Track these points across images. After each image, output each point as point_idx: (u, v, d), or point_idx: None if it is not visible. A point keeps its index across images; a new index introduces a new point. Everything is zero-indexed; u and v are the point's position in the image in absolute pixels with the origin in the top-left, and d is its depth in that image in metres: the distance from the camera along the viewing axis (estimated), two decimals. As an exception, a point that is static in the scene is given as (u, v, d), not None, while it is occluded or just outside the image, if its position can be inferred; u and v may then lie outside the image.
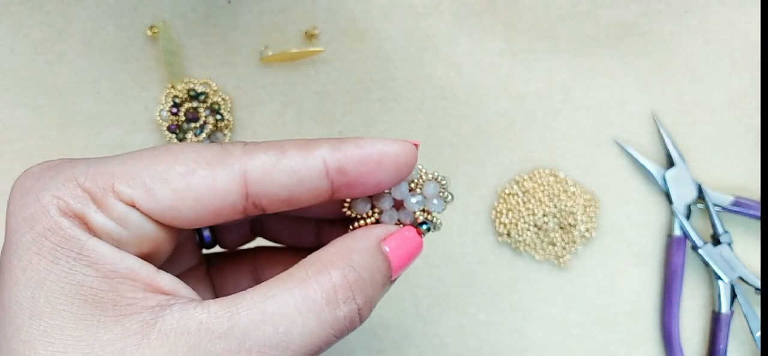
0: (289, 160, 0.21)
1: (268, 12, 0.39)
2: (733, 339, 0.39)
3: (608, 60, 0.40)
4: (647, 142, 0.40)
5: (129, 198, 0.20)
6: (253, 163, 0.21)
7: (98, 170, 0.21)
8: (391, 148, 0.22)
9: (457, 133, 0.39)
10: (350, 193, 0.23)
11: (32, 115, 0.39)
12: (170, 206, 0.21)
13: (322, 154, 0.21)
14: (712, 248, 0.38)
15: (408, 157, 0.22)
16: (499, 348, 0.39)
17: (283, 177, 0.21)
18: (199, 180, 0.21)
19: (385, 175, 0.22)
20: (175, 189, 0.21)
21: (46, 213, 0.20)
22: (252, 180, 0.21)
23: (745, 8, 0.40)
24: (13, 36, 0.39)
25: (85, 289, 0.19)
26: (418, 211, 0.24)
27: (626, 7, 0.40)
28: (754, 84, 0.40)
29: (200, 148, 0.22)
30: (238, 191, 0.21)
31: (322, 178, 0.22)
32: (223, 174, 0.21)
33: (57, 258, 0.20)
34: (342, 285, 0.21)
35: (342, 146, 0.22)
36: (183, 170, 0.21)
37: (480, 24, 0.40)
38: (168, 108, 0.38)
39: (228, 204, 0.21)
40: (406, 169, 0.22)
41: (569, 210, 0.38)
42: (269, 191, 0.21)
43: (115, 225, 0.20)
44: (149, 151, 0.22)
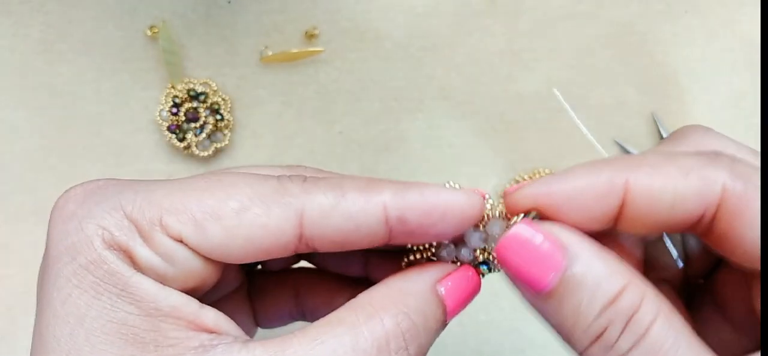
0: (349, 204, 0.20)
1: (268, 12, 0.39)
2: (733, 339, 0.39)
3: (608, 60, 0.40)
4: (647, 142, 0.40)
5: (177, 233, 0.19)
6: (310, 204, 0.20)
7: (146, 199, 0.20)
8: (457, 200, 0.21)
9: (457, 133, 0.39)
10: (407, 241, 0.22)
11: (32, 115, 0.39)
12: (220, 244, 0.20)
13: (384, 199, 0.20)
14: (712, 248, 0.38)
15: (474, 210, 0.21)
16: (499, 348, 0.39)
17: (340, 221, 0.20)
18: (252, 219, 0.20)
19: (448, 227, 0.21)
20: (227, 227, 0.19)
21: (89, 245, 0.19)
22: (308, 222, 0.20)
23: (745, 8, 0.40)
24: (14, 36, 0.39)
25: (127, 328, 0.19)
26: (479, 250, 0.23)
27: (626, 7, 0.40)
28: (754, 84, 0.40)
29: (255, 182, 0.20)
30: (293, 232, 0.20)
31: (380, 224, 0.20)
32: (278, 213, 0.20)
33: (99, 294, 0.19)
34: (395, 333, 0.20)
35: (405, 193, 0.20)
36: (236, 207, 0.20)
37: (480, 24, 0.40)
38: (168, 108, 0.38)
39: (281, 244, 0.20)
40: (470, 222, 0.21)
41: (569, 210, 0.38)
42: (325, 234, 0.20)
43: (161, 261, 0.19)
44: (201, 180, 0.21)
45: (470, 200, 0.21)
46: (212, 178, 0.21)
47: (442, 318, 0.22)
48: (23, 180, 0.39)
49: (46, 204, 0.38)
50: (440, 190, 0.21)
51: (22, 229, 0.38)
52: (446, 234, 0.21)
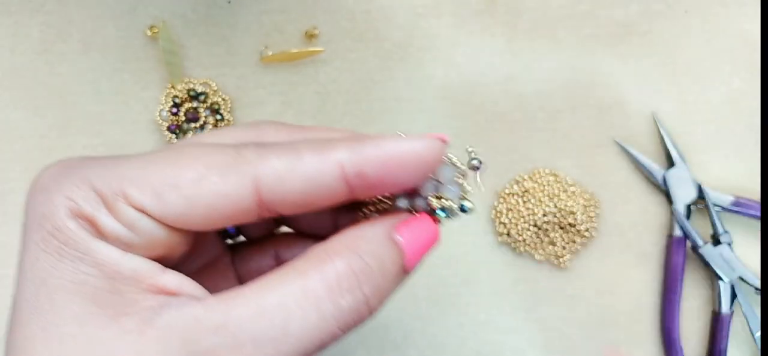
0: (305, 167, 0.20)
1: (269, 12, 0.39)
2: (733, 339, 0.39)
3: (608, 60, 0.40)
4: (647, 142, 0.40)
5: (139, 204, 0.20)
6: (265, 169, 0.20)
7: (112, 173, 0.20)
8: (415, 147, 0.21)
9: (457, 133, 0.39)
10: (370, 194, 0.22)
11: (32, 115, 0.39)
12: (181, 212, 0.20)
13: (339, 157, 0.20)
14: (712, 248, 0.38)
15: (433, 155, 0.21)
16: (499, 348, 0.39)
17: (297, 184, 0.20)
18: (210, 187, 0.20)
19: (408, 176, 0.21)
20: (186, 196, 0.20)
21: (55, 213, 0.20)
22: (265, 187, 0.20)
23: (745, 8, 0.40)
24: (13, 36, 0.39)
25: (87, 288, 0.20)
26: (432, 197, 0.23)
27: (626, 7, 0.40)
28: (754, 84, 0.40)
29: (212, 152, 0.21)
30: (251, 198, 0.20)
31: (339, 182, 0.20)
32: (234, 180, 0.20)
33: (62, 257, 0.20)
34: (346, 274, 0.20)
35: (361, 148, 0.20)
36: (194, 176, 0.20)
37: (480, 24, 0.40)
38: (168, 108, 0.38)
39: (241, 209, 0.20)
40: (430, 167, 0.21)
41: (569, 210, 0.38)
42: (284, 198, 0.20)
43: (124, 230, 0.20)
44: (163, 154, 0.21)
45: (428, 145, 0.21)
46: (173, 149, 0.21)
47: (399, 262, 0.22)
48: (23, 180, 0.39)
49: (46, 205, 0.39)
50: (397, 140, 0.21)
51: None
52: (408, 183, 0.21)
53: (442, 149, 0.21)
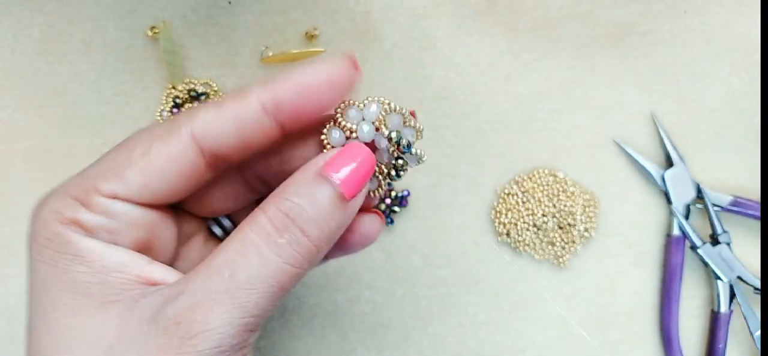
0: (227, 109, 0.23)
1: (269, 12, 0.39)
2: (732, 339, 0.39)
3: (608, 60, 0.40)
4: (646, 142, 0.40)
5: (109, 191, 0.23)
6: (196, 121, 0.23)
7: (83, 177, 0.23)
8: (321, 71, 0.23)
9: (457, 133, 0.40)
10: (298, 124, 0.23)
11: (33, 115, 0.39)
12: (142, 184, 0.23)
13: (256, 94, 0.23)
14: (711, 248, 0.38)
15: (341, 74, 0.23)
16: (499, 348, 0.39)
17: (225, 125, 0.23)
18: (156, 153, 0.23)
19: (323, 96, 0.23)
20: (140, 168, 0.23)
21: (46, 225, 0.23)
22: (199, 135, 0.23)
23: (744, 8, 0.40)
24: (14, 36, 0.39)
25: (78, 284, 0.22)
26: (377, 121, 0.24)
27: (626, 7, 0.40)
28: (753, 84, 0.40)
29: (153, 128, 0.24)
30: (192, 149, 0.23)
31: (261, 116, 0.23)
32: (173, 139, 0.23)
33: (56, 261, 0.22)
34: (276, 216, 0.22)
35: (274, 82, 0.23)
36: (142, 150, 0.23)
37: (480, 24, 0.40)
38: (169, 108, 0.38)
39: (189, 164, 0.23)
40: (342, 85, 0.23)
41: (568, 210, 0.38)
42: (218, 140, 0.23)
43: (104, 219, 0.23)
44: (119, 145, 0.24)
45: (334, 66, 0.23)
46: (126, 139, 0.24)
47: (332, 193, 0.23)
48: (23, 180, 0.39)
49: (46, 205, 0.39)
50: (304, 68, 0.23)
51: (22, 229, 0.38)
52: (326, 104, 0.23)
53: (349, 67, 0.23)
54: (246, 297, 0.21)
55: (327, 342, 0.39)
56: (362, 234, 0.27)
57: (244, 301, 0.21)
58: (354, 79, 0.23)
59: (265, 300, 0.22)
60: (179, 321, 0.21)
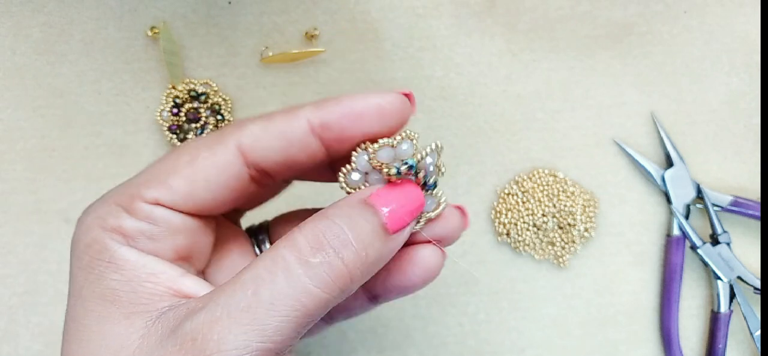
0: (276, 125, 0.23)
1: (269, 13, 0.39)
2: (732, 339, 0.39)
3: (607, 60, 0.40)
4: (646, 142, 0.40)
5: (152, 198, 0.23)
6: (244, 133, 0.23)
7: (128, 185, 0.24)
8: (372, 100, 0.23)
9: (456, 133, 0.40)
10: (342, 147, 0.23)
11: (33, 115, 0.39)
12: (186, 192, 0.23)
13: (306, 114, 0.23)
14: (711, 248, 0.38)
15: (393, 106, 0.23)
16: (499, 348, 0.39)
17: (273, 141, 0.23)
18: (202, 162, 0.23)
19: (370, 124, 0.23)
20: (186, 176, 0.23)
21: (87, 231, 0.23)
22: (246, 148, 0.23)
23: (744, 9, 0.40)
24: (15, 37, 0.39)
25: (110, 291, 0.22)
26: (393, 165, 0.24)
27: (625, 7, 0.40)
28: (752, 84, 0.40)
29: (202, 138, 0.24)
30: (238, 161, 0.23)
31: (308, 135, 0.23)
32: (221, 150, 0.23)
33: (92, 268, 0.22)
34: (313, 235, 0.21)
35: (324, 104, 0.23)
36: (188, 158, 0.23)
37: (480, 24, 0.40)
38: (169, 108, 0.38)
39: (234, 175, 0.23)
40: (392, 117, 0.23)
41: (568, 210, 0.38)
42: (264, 155, 0.23)
43: (146, 225, 0.23)
44: (166, 154, 0.24)
45: (387, 98, 0.23)
46: (174, 150, 0.25)
47: (374, 221, 0.22)
48: (23, 180, 0.39)
49: (46, 204, 0.39)
50: (356, 96, 0.23)
51: (22, 229, 0.38)
52: (372, 132, 0.23)
53: (403, 102, 0.23)
54: (267, 318, 0.20)
55: (327, 342, 0.39)
56: (424, 268, 0.25)
57: (265, 323, 0.20)
58: (407, 113, 0.24)
59: (287, 324, 0.20)
60: (195, 337, 0.20)
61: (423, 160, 0.24)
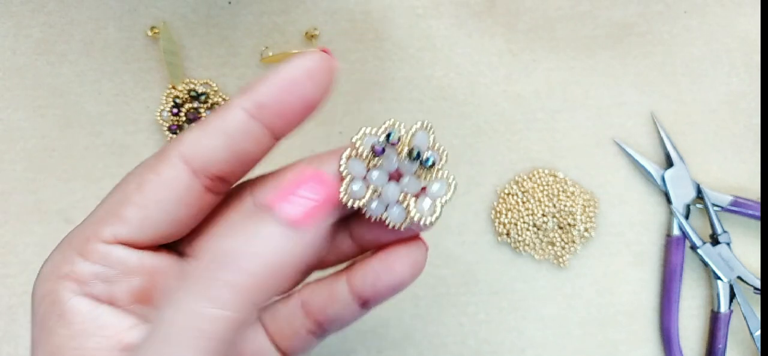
0: (212, 123, 0.22)
1: (269, 13, 0.39)
2: (732, 339, 0.39)
3: (607, 60, 0.40)
4: (646, 142, 0.40)
5: (109, 235, 0.22)
6: (183, 142, 0.22)
7: (84, 225, 0.23)
8: (297, 64, 0.22)
9: (456, 133, 0.40)
10: (286, 122, 0.22)
11: (33, 116, 0.39)
12: (141, 219, 0.22)
13: (238, 102, 0.22)
14: (711, 248, 0.38)
15: (319, 64, 0.22)
16: (499, 348, 0.39)
17: (213, 140, 0.22)
18: (149, 184, 0.22)
19: (305, 89, 0.22)
20: (137, 202, 0.22)
21: (43, 283, 0.22)
22: (189, 156, 0.22)
23: (744, 9, 0.40)
24: (15, 36, 0.39)
25: (57, 349, 0.21)
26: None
27: (625, 7, 0.40)
28: (752, 84, 0.40)
29: (145, 161, 0.23)
30: (185, 174, 0.22)
31: (248, 123, 0.22)
32: (164, 167, 0.22)
33: (44, 323, 0.21)
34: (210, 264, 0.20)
35: (253, 86, 0.22)
36: (135, 185, 0.22)
37: (479, 24, 0.40)
38: (169, 108, 0.38)
39: (185, 189, 0.22)
40: (321, 74, 0.22)
41: (568, 210, 0.38)
42: (209, 157, 0.22)
43: (101, 268, 0.22)
44: (115, 187, 0.23)
45: (311, 60, 0.22)
46: (121, 181, 0.23)
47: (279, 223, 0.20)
48: (23, 180, 0.39)
49: (46, 204, 0.39)
50: (282, 66, 0.22)
51: (22, 229, 0.38)
52: (310, 97, 0.22)
53: (326, 59, 0.23)
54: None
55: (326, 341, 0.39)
56: (410, 262, 0.24)
57: None
58: (332, 67, 0.23)
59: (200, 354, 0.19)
60: None
61: (410, 135, 0.23)
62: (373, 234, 0.24)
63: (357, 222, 0.25)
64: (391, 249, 0.24)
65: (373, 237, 0.24)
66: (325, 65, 0.22)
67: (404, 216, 0.23)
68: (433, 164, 0.23)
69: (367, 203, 0.22)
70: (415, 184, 0.23)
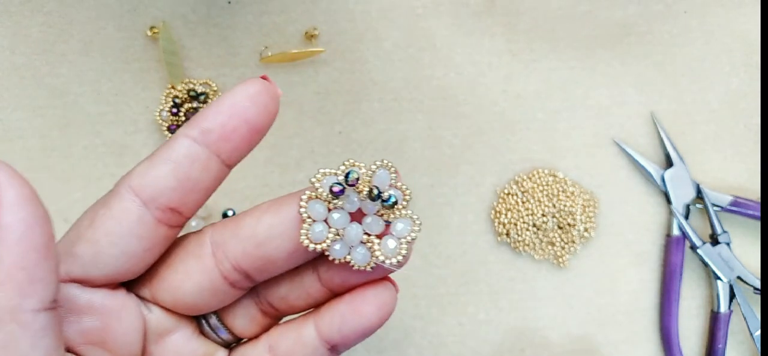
0: (159, 154, 0.22)
1: (268, 12, 0.39)
2: (732, 339, 0.39)
3: (607, 60, 0.40)
4: (646, 142, 0.40)
5: (63, 273, 0.22)
6: (132, 175, 0.22)
7: None
8: (238, 89, 0.22)
9: (456, 133, 0.40)
10: (234, 147, 0.22)
11: (33, 116, 0.39)
12: (92, 255, 0.22)
13: (184, 131, 0.22)
14: (711, 248, 0.38)
15: (259, 88, 0.22)
16: (499, 348, 0.39)
17: (159, 169, 0.22)
18: (100, 219, 0.22)
19: (245, 111, 0.22)
20: (89, 238, 0.22)
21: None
22: (138, 187, 0.22)
23: (744, 9, 0.40)
24: (14, 36, 0.39)
25: None
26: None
27: (625, 7, 0.40)
28: (752, 84, 0.40)
29: (102, 198, 0.23)
30: (135, 206, 0.22)
31: (194, 149, 0.22)
32: (115, 200, 0.22)
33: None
34: None
35: (198, 115, 0.22)
36: (88, 222, 0.22)
37: (479, 24, 0.40)
38: (168, 108, 0.38)
39: (136, 222, 0.22)
40: (263, 98, 0.22)
41: (568, 210, 0.38)
42: (158, 187, 0.22)
43: None
44: (72, 224, 0.23)
45: (250, 81, 0.22)
46: (78, 218, 0.23)
47: None
48: (24, 181, 0.39)
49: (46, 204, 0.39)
50: (219, 98, 0.22)
51: (22, 229, 0.38)
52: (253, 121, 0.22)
53: (268, 85, 0.22)
54: None
55: (327, 342, 0.39)
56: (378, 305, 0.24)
57: None
58: (274, 93, 0.22)
59: None
60: None
61: (371, 174, 0.22)
62: (340, 277, 0.24)
63: (324, 264, 0.24)
64: (358, 292, 0.24)
65: (341, 281, 0.24)
66: (266, 90, 0.22)
67: (368, 258, 0.22)
68: (396, 203, 0.22)
69: (330, 245, 0.22)
70: (378, 224, 0.22)
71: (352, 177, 0.22)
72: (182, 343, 0.25)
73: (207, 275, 0.23)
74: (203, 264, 0.23)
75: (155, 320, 0.24)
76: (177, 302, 0.24)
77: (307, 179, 0.39)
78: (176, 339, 0.25)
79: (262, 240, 0.23)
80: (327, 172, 0.22)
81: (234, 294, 0.24)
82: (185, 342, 0.25)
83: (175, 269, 0.24)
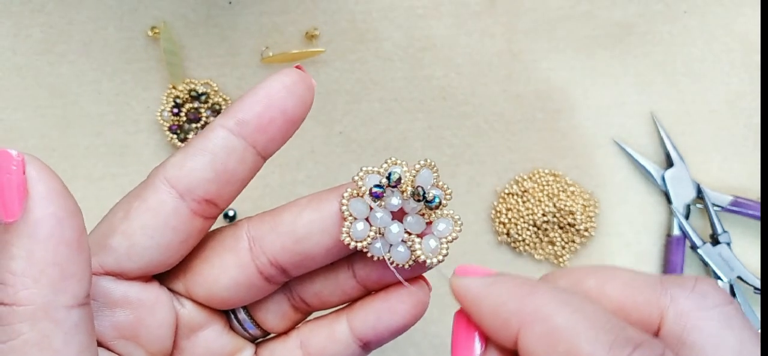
0: (195, 144, 0.22)
1: (269, 13, 0.39)
2: (732, 339, 0.39)
3: (607, 60, 0.40)
4: (646, 142, 0.40)
5: (96, 265, 0.21)
6: (167, 166, 0.22)
7: None
8: (274, 79, 0.22)
9: (456, 133, 0.40)
10: (270, 138, 0.22)
11: (33, 116, 0.39)
12: (127, 247, 0.21)
13: (219, 122, 0.22)
14: (711, 248, 0.38)
15: (295, 78, 0.22)
16: (499, 348, 0.39)
17: (196, 160, 0.21)
18: (135, 211, 0.21)
19: (282, 103, 0.22)
20: (123, 231, 0.21)
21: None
22: (173, 178, 0.21)
23: (744, 9, 0.40)
24: (15, 37, 0.39)
25: None
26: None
27: (625, 7, 0.40)
28: (752, 84, 0.40)
29: (135, 189, 0.22)
30: (171, 197, 0.21)
31: (231, 141, 0.22)
32: (149, 192, 0.21)
33: None
34: None
35: (233, 105, 0.22)
36: (122, 214, 0.22)
37: (480, 24, 0.40)
38: (169, 108, 0.38)
39: (172, 213, 0.22)
40: (299, 89, 0.22)
41: (568, 210, 0.38)
42: (194, 178, 0.21)
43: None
44: (103, 218, 0.23)
45: (285, 71, 0.22)
46: (110, 209, 0.23)
47: None
48: (24, 181, 0.39)
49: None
50: (257, 86, 0.22)
51: (23, 229, 0.38)
52: (291, 112, 0.22)
53: (303, 74, 0.22)
54: None
55: (327, 341, 0.39)
56: (413, 303, 0.24)
57: None
58: (309, 83, 0.22)
59: None
60: None
61: (413, 173, 0.22)
62: (377, 274, 0.24)
63: (360, 261, 0.24)
64: (393, 290, 0.24)
65: (377, 278, 0.24)
66: (302, 80, 0.22)
67: (408, 256, 0.22)
68: (440, 203, 0.22)
69: (371, 243, 0.22)
70: (420, 223, 0.23)
71: (394, 177, 0.22)
72: (213, 338, 0.25)
73: (243, 269, 0.23)
74: (239, 259, 0.23)
75: (187, 314, 0.24)
76: (211, 296, 0.24)
77: (307, 178, 0.39)
78: (207, 334, 0.25)
79: (302, 236, 0.22)
80: (370, 170, 0.22)
81: (268, 288, 0.24)
82: (216, 337, 0.25)
83: (210, 263, 0.23)
